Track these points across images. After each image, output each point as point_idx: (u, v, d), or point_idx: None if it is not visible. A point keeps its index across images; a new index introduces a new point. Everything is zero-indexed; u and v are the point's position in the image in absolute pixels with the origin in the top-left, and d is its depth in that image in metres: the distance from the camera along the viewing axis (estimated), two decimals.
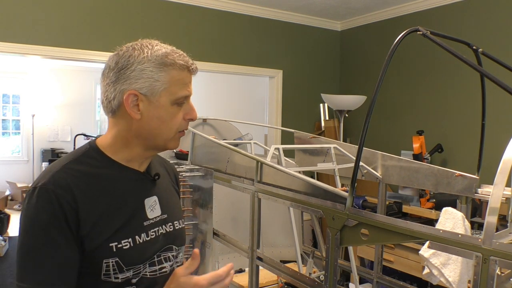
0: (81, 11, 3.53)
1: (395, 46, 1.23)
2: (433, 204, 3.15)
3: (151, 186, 1.09)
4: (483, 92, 1.65)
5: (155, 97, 0.99)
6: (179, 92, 1.00)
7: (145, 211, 1.05)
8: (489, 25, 3.42)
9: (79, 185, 0.95)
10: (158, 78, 0.98)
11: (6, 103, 8.28)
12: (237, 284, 2.43)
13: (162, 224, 1.08)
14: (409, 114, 4.07)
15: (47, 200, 0.92)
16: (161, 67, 0.98)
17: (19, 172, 8.10)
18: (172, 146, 1.07)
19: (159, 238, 1.05)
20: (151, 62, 0.98)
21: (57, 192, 0.92)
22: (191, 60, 1.04)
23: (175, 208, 1.16)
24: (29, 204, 0.93)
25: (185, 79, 1.01)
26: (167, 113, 1.00)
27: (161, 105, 1.00)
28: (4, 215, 5.80)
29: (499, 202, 1.02)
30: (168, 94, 0.99)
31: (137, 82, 0.98)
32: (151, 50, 1.00)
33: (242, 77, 4.89)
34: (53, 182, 0.93)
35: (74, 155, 1.02)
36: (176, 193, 1.22)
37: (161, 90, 0.99)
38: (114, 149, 1.03)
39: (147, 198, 1.06)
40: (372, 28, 4.44)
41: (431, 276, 1.63)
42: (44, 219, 0.91)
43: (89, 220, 0.94)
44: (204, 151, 2.46)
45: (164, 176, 1.17)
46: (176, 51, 1.03)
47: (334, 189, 1.44)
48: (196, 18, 4.01)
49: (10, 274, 4.33)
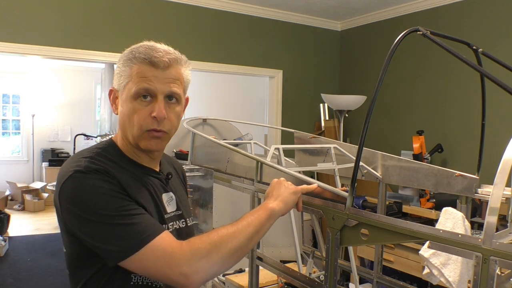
0: (81, 11, 3.53)
1: (395, 46, 1.23)
2: (433, 204, 3.15)
3: (165, 184, 1.13)
4: (483, 92, 1.65)
5: (121, 92, 1.02)
6: (136, 86, 0.98)
7: (164, 205, 1.09)
8: (489, 25, 3.42)
9: (112, 171, 0.97)
10: (122, 73, 1.01)
11: (6, 103, 8.28)
12: (237, 284, 2.43)
13: (177, 219, 1.12)
14: (409, 114, 4.07)
15: (98, 176, 0.94)
16: (126, 62, 1.01)
17: (19, 172, 8.11)
18: (143, 146, 1.03)
19: (173, 233, 1.08)
20: (122, 58, 1.02)
21: (103, 169, 0.95)
22: (158, 54, 0.99)
23: (186, 205, 1.21)
24: (81, 184, 0.92)
25: (146, 73, 0.98)
26: (128, 108, 1.00)
27: (124, 99, 1.01)
28: (4, 215, 5.80)
29: (499, 202, 1.02)
30: (129, 89, 1.00)
31: (114, 79, 1.05)
32: (130, 48, 1.02)
33: (242, 77, 4.89)
34: (92, 164, 0.96)
35: (94, 150, 1.04)
36: (185, 192, 1.27)
37: (124, 85, 1.01)
38: (123, 147, 1.08)
39: (164, 194, 1.11)
40: (372, 28, 4.44)
41: (431, 276, 1.62)
42: (106, 187, 0.93)
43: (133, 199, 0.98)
44: (204, 151, 2.46)
45: (175, 175, 1.22)
46: (149, 46, 1.01)
47: (334, 189, 1.44)
48: (196, 18, 4.01)
49: (10, 274, 4.33)
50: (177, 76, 1.02)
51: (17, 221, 6.44)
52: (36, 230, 6.02)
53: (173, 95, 1.02)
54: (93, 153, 1.01)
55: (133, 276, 0.99)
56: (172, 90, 1.01)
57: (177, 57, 1.03)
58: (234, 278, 2.49)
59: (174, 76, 1.01)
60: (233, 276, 2.53)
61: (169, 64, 1.00)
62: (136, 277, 1.00)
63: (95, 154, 1.01)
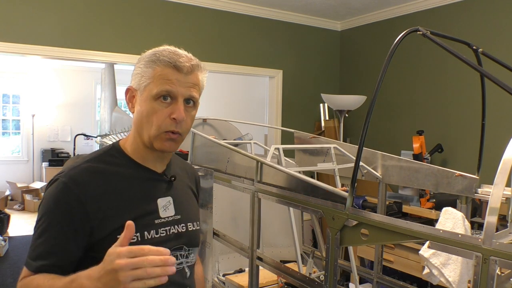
0: (81, 11, 3.53)
1: (395, 46, 1.23)
2: (433, 204, 3.15)
3: (167, 187, 1.13)
4: (483, 92, 1.65)
5: (141, 92, 1.05)
6: (158, 87, 1.02)
7: (158, 210, 1.09)
8: (489, 25, 3.42)
9: (94, 182, 1.02)
10: (143, 74, 1.05)
11: (6, 103, 8.28)
12: (237, 284, 2.43)
13: (174, 224, 1.11)
14: (409, 114, 4.07)
15: (59, 190, 1.00)
16: (148, 63, 1.05)
17: (19, 172, 8.10)
18: (158, 146, 1.05)
19: (170, 237, 1.09)
20: (143, 60, 1.06)
21: (69, 185, 1.00)
22: (182, 59, 1.04)
23: (190, 210, 1.20)
24: (46, 192, 1.03)
25: (169, 76, 1.03)
26: (148, 108, 1.04)
27: (144, 100, 1.05)
28: (4, 215, 5.80)
29: (499, 202, 1.02)
30: (150, 89, 1.04)
31: (133, 78, 1.08)
32: (151, 50, 1.07)
33: (242, 77, 4.89)
34: (69, 176, 1.02)
35: (96, 153, 1.10)
36: (194, 196, 1.27)
37: (145, 85, 1.05)
38: (132, 147, 1.10)
39: (161, 198, 1.10)
40: (372, 28, 4.44)
41: (431, 276, 1.62)
42: (51, 206, 1.00)
43: (99, 213, 1.00)
44: (204, 151, 2.46)
45: (183, 179, 1.22)
46: (172, 50, 1.06)
47: (334, 189, 1.44)
48: (196, 18, 4.01)
49: (10, 274, 4.33)
50: (197, 82, 1.08)
51: (17, 221, 6.44)
52: None
53: (192, 99, 1.07)
54: (91, 158, 1.07)
55: None
56: (192, 94, 1.06)
57: (198, 64, 1.08)
58: (234, 278, 2.48)
59: (194, 81, 1.06)
60: (233, 276, 2.53)
61: (191, 69, 1.05)
62: None
63: (91, 160, 1.07)
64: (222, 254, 2.63)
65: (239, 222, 2.65)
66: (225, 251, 2.58)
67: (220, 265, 2.63)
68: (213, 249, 2.37)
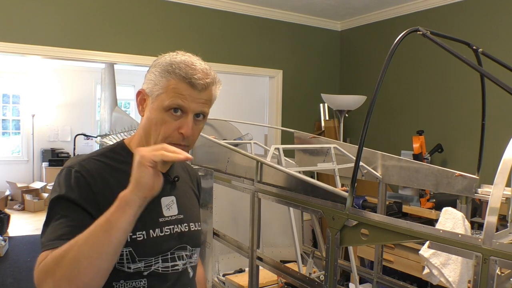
0: (81, 11, 3.53)
1: (395, 46, 1.23)
2: (433, 204, 3.15)
3: (171, 187, 1.14)
4: (483, 92, 1.65)
5: (153, 99, 1.05)
6: (170, 100, 1.02)
7: (161, 209, 1.10)
8: (489, 25, 3.42)
9: (102, 175, 1.03)
10: (157, 83, 1.04)
11: (6, 103, 8.28)
12: (237, 284, 2.43)
13: (177, 223, 1.12)
14: (409, 114, 4.07)
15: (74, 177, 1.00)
16: (164, 73, 1.04)
17: (19, 172, 8.11)
18: None
19: (174, 236, 1.10)
20: (159, 67, 1.05)
21: (80, 172, 1.01)
22: (197, 76, 1.02)
23: (192, 211, 1.21)
24: (57, 179, 1.03)
25: (183, 91, 1.02)
26: (157, 117, 1.04)
27: (154, 108, 1.05)
28: (4, 215, 5.80)
29: (499, 202, 1.02)
30: (161, 100, 1.03)
31: (146, 82, 1.08)
32: (169, 57, 1.06)
33: (242, 77, 4.89)
34: (78, 165, 1.02)
35: (102, 150, 1.11)
36: (195, 197, 1.28)
37: (157, 94, 1.04)
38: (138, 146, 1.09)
39: (164, 197, 1.11)
40: (372, 28, 4.44)
41: (431, 276, 1.63)
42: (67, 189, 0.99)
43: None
44: (204, 151, 2.46)
45: (185, 180, 1.24)
46: (189, 63, 1.05)
47: (334, 189, 1.44)
48: (197, 18, 4.01)
49: (10, 274, 4.33)
50: (209, 98, 1.07)
51: (17, 221, 6.44)
52: (36, 230, 6.01)
53: (202, 113, 1.07)
54: (97, 154, 1.08)
55: (114, 284, 1.01)
56: (203, 110, 1.06)
57: (213, 80, 1.08)
58: (234, 278, 2.49)
59: (207, 97, 1.06)
60: (233, 276, 2.53)
61: (206, 87, 1.04)
62: (117, 284, 1.01)
63: (97, 155, 1.07)
64: (222, 254, 2.63)
65: (239, 222, 2.65)
66: (225, 251, 2.58)
67: (220, 265, 2.63)
68: (213, 249, 2.37)
